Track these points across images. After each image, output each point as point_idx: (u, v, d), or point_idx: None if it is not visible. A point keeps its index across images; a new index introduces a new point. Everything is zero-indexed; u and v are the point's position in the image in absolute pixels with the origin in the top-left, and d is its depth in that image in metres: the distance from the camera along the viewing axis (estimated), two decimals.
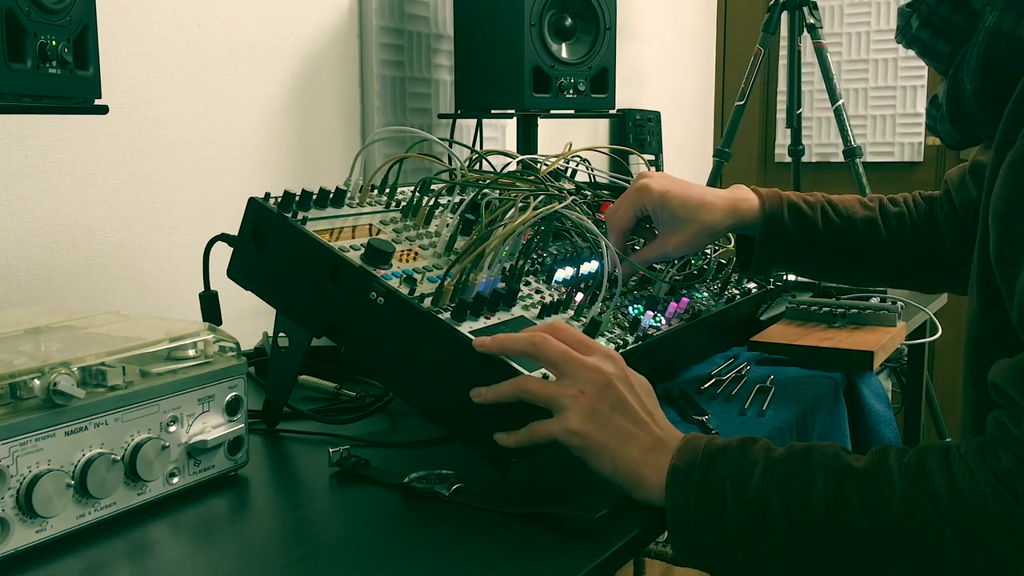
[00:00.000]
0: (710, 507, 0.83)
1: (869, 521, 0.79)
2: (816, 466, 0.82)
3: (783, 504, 0.81)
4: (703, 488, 0.84)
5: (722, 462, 0.85)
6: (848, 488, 0.80)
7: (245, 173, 1.72)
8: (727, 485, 0.83)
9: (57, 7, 0.95)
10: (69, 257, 1.44)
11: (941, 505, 0.77)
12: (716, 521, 0.83)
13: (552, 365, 0.89)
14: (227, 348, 0.95)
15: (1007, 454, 0.77)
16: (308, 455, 1.07)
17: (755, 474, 0.83)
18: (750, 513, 0.82)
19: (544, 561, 0.78)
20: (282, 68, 1.79)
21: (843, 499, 0.80)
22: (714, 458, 0.85)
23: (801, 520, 0.80)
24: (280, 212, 1.06)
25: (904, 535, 0.78)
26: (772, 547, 0.82)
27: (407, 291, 0.99)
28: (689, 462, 0.85)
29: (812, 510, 0.80)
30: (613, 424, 0.87)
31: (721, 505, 0.83)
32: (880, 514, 0.78)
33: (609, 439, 0.87)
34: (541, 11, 1.87)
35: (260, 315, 1.27)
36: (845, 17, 3.38)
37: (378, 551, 0.81)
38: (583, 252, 1.28)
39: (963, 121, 1.01)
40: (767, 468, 0.83)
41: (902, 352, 2.28)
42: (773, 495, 0.82)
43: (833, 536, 0.80)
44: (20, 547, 0.77)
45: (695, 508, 0.83)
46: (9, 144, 1.36)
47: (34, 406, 0.78)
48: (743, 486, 0.83)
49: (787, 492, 0.81)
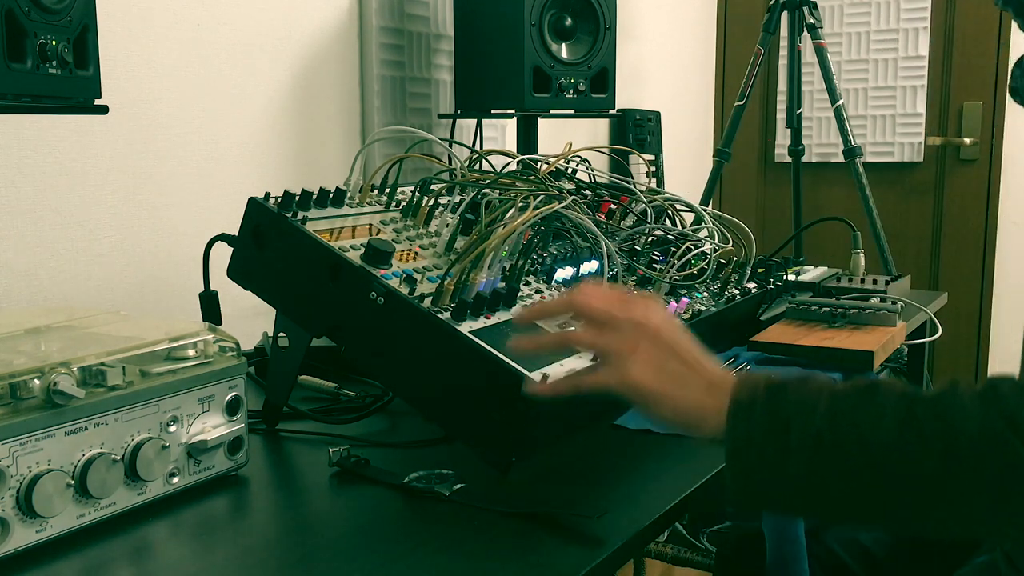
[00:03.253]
0: (774, 437, 0.79)
1: (944, 444, 0.75)
2: (885, 394, 0.79)
3: (852, 430, 0.77)
4: (767, 418, 0.80)
5: (785, 393, 0.81)
6: (920, 413, 0.77)
7: (245, 173, 1.72)
8: (792, 414, 0.80)
9: (57, 7, 0.95)
10: (69, 257, 1.44)
11: (1018, 424, 0.74)
12: (780, 451, 0.79)
13: (597, 322, 0.88)
14: (227, 348, 0.95)
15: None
16: (308, 455, 1.07)
17: (820, 403, 0.80)
18: (818, 441, 0.78)
19: (544, 561, 0.78)
20: (282, 68, 1.78)
21: (915, 423, 0.76)
22: (777, 390, 0.82)
23: (872, 446, 0.77)
24: (280, 212, 1.06)
25: (981, 456, 0.75)
26: (839, 476, 0.78)
27: (407, 291, 0.99)
28: (751, 395, 0.82)
29: (882, 435, 0.77)
30: (668, 370, 0.85)
31: (785, 434, 0.79)
32: (956, 437, 0.75)
33: (666, 386, 0.85)
34: (541, 11, 1.86)
35: (260, 315, 1.27)
36: (845, 17, 3.38)
37: (378, 551, 0.81)
38: (583, 252, 1.28)
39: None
40: (833, 398, 0.80)
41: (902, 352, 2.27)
42: (842, 422, 0.78)
43: (905, 461, 0.76)
44: (20, 547, 0.77)
45: (758, 438, 0.80)
46: (9, 144, 1.36)
47: (34, 406, 0.78)
48: (809, 415, 0.79)
49: (856, 419, 0.78)
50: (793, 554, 1.13)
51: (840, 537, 1.37)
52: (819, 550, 1.33)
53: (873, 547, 1.35)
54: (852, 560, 1.34)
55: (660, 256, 1.39)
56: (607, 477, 0.99)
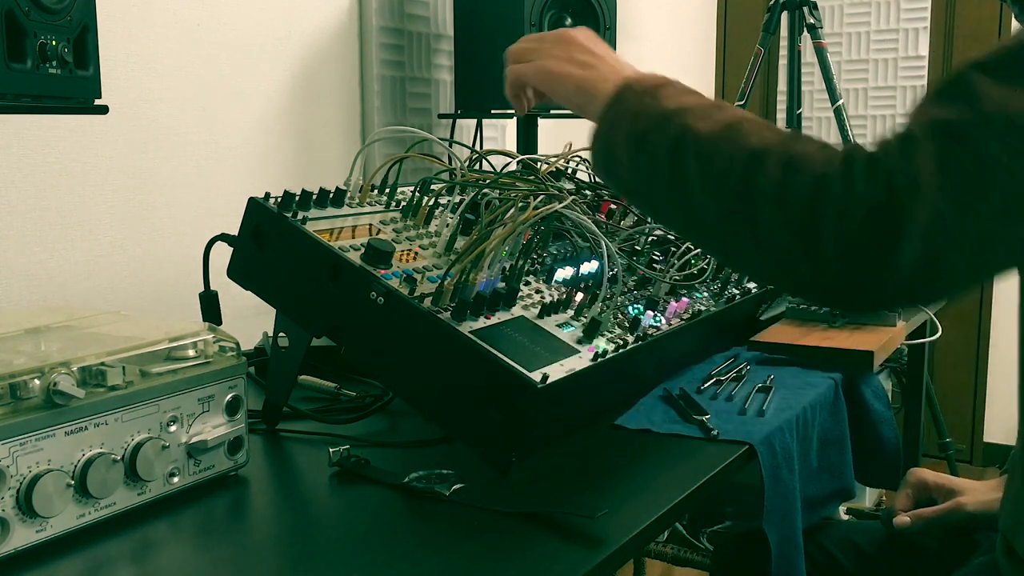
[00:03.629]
0: (627, 133, 0.89)
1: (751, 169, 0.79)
2: (738, 142, 0.82)
3: (691, 164, 0.83)
4: (630, 118, 0.90)
5: (660, 97, 0.90)
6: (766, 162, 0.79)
7: (245, 173, 1.72)
8: (652, 122, 0.87)
9: (57, 7, 0.95)
10: (69, 257, 1.44)
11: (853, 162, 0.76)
12: (627, 143, 0.88)
13: (524, 52, 1.03)
14: (227, 348, 0.95)
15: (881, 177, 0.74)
16: (308, 455, 1.07)
17: (682, 118, 0.85)
18: (656, 154, 0.85)
19: (544, 561, 0.78)
20: (282, 68, 1.79)
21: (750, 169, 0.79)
22: (655, 91, 0.91)
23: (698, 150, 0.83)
24: (280, 212, 1.06)
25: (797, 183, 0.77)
26: (657, 181, 0.86)
27: (407, 291, 0.99)
28: (635, 87, 0.93)
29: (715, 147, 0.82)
30: (575, 59, 0.99)
31: (636, 133, 0.88)
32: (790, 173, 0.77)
33: (571, 68, 0.98)
34: (541, 11, 1.86)
35: (260, 315, 1.27)
36: (845, 17, 3.38)
37: (378, 551, 0.81)
38: (583, 252, 1.28)
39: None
40: (694, 116, 0.85)
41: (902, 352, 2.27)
42: (686, 151, 0.83)
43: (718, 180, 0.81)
44: (20, 547, 0.77)
45: (617, 131, 0.90)
46: (9, 144, 1.36)
47: (34, 406, 0.78)
48: (664, 128, 0.86)
49: (700, 150, 0.83)
50: (791, 554, 1.13)
51: (836, 538, 1.37)
52: (814, 550, 1.33)
53: (868, 547, 1.35)
54: (848, 561, 1.34)
55: (660, 256, 1.39)
56: (607, 477, 0.99)
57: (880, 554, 1.34)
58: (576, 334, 1.08)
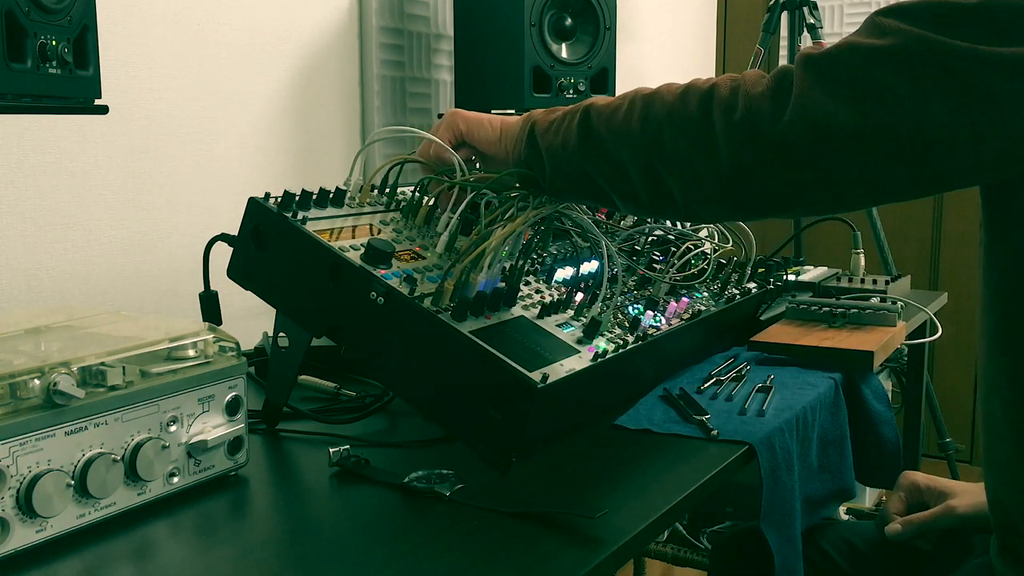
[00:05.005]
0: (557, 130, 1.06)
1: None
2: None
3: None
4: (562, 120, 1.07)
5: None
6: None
7: (245, 173, 1.72)
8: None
9: (57, 7, 0.95)
10: (69, 257, 1.44)
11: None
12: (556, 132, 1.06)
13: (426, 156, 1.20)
14: (227, 348, 0.95)
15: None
16: (308, 455, 1.07)
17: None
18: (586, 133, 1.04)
19: (544, 561, 0.78)
20: (282, 68, 1.79)
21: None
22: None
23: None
24: (280, 212, 1.06)
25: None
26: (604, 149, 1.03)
27: (407, 291, 0.99)
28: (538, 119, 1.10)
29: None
30: (472, 120, 1.16)
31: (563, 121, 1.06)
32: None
33: (473, 127, 1.16)
34: (541, 11, 1.87)
35: (260, 315, 1.27)
36: (845, 17, 3.38)
37: (378, 551, 0.81)
38: (583, 252, 1.28)
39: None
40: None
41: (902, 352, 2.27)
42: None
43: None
44: (20, 547, 0.77)
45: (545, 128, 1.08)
46: (9, 144, 1.36)
47: (34, 406, 0.78)
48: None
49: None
50: (790, 554, 1.13)
51: (833, 539, 1.37)
52: (813, 552, 1.33)
53: (865, 548, 1.35)
54: (844, 562, 1.34)
55: (660, 256, 1.39)
56: (607, 477, 0.99)
57: (876, 555, 1.34)
58: (576, 334, 1.08)
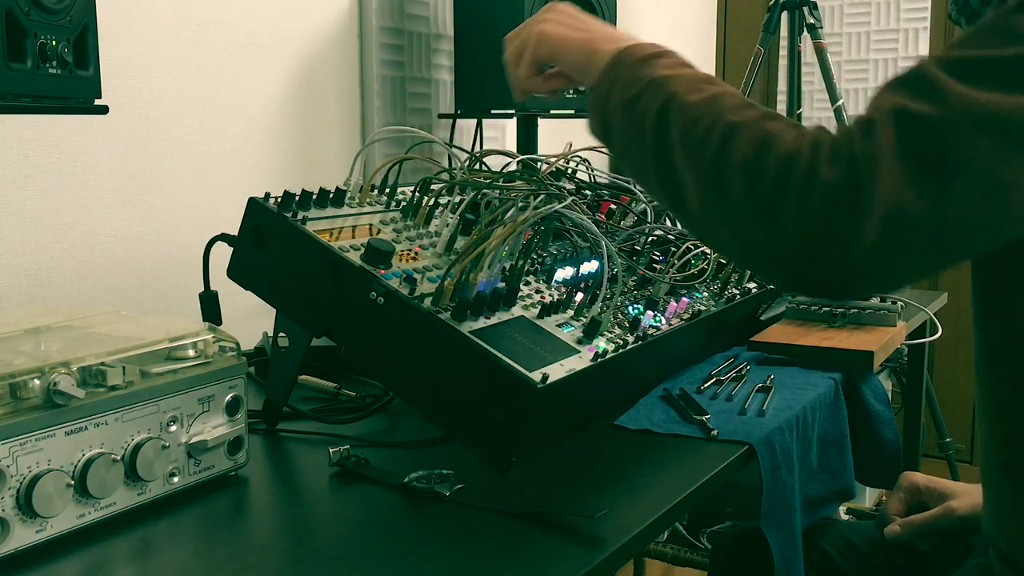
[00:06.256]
0: (621, 95, 0.92)
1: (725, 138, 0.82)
2: (719, 111, 0.85)
3: (673, 125, 0.87)
4: (626, 80, 0.93)
5: (653, 65, 0.93)
6: (740, 131, 0.82)
7: (245, 173, 1.72)
8: (644, 85, 0.91)
9: (57, 7, 0.95)
10: (69, 257, 1.44)
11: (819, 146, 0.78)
12: (620, 107, 0.92)
13: (519, 30, 1.11)
14: (227, 348, 0.95)
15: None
16: (308, 455, 1.07)
17: (671, 86, 0.89)
18: (644, 114, 0.89)
19: (544, 561, 0.78)
20: (282, 68, 1.78)
21: (730, 136, 0.82)
22: (650, 60, 0.94)
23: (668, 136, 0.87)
24: (280, 212, 1.06)
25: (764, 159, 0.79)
26: (640, 142, 0.90)
27: (407, 291, 0.99)
28: (632, 55, 0.95)
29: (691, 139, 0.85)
30: (570, 24, 1.04)
31: (628, 94, 0.92)
32: (759, 148, 0.80)
33: (570, 32, 1.03)
34: None
35: (260, 315, 1.27)
36: (845, 17, 3.38)
37: (378, 551, 0.81)
38: (583, 252, 1.28)
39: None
40: (685, 85, 0.89)
41: (902, 352, 2.27)
42: (670, 113, 0.88)
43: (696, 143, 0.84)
44: (20, 547, 0.77)
45: (614, 93, 0.93)
46: (9, 144, 1.36)
47: (34, 406, 0.78)
48: (656, 92, 0.90)
49: (683, 116, 0.87)
50: (790, 554, 1.13)
51: (833, 538, 1.37)
52: (813, 552, 1.33)
53: (865, 548, 1.35)
54: (845, 562, 1.34)
55: (660, 256, 1.39)
56: (607, 477, 0.99)
57: (876, 555, 1.34)
58: (576, 334, 1.08)
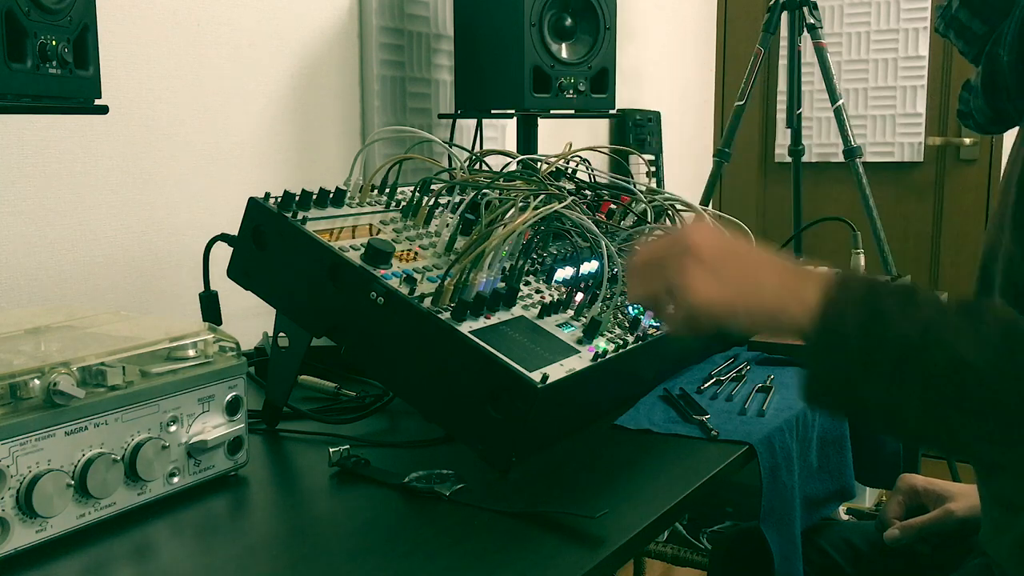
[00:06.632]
0: (867, 335, 0.77)
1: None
2: (987, 317, 0.77)
3: (947, 347, 0.76)
4: (863, 314, 0.77)
5: (881, 295, 0.79)
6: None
7: (245, 173, 1.72)
8: (889, 312, 0.77)
9: (57, 7, 0.95)
10: (69, 257, 1.44)
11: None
12: (870, 350, 0.77)
13: (652, 263, 0.87)
14: (227, 348, 0.95)
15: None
16: (308, 455, 1.07)
17: (920, 311, 0.77)
18: (908, 347, 0.76)
19: (544, 561, 0.78)
20: (282, 68, 1.78)
21: (1016, 353, 0.74)
22: (875, 290, 0.79)
23: (962, 367, 0.75)
24: (280, 212, 1.06)
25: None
26: (923, 391, 0.76)
27: (407, 291, 0.99)
28: (846, 289, 0.79)
29: (976, 358, 0.75)
30: (729, 278, 0.83)
31: (880, 334, 0.77)
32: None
33: (735, 294, 0.82)
34: (541, 11, 1.86)
35: (260, 315, 1.27)
36: (845, 17, 3.38)
37: (378, 551, 0.81)
38: (583, 252, 1.28)
39: (997, 97, 1.02)
40: (935, 309, 0.78)
41: None
42: (936, 337, 0.76)
43: (997, 388, 0.75)
44: (20, 547, 0.77)
45: (852, 334, 0.77)
46: (9, 144, 1.36)
47: (34, 406, 0.78)
48: (906, 320, 0.77)
49: (953, 335, 0.76)
50: (790, 554, 1.13)
51: (833, 539, 1.37)
52: (812, 552, 1.33)
53: (865, 548, 1.35)
54: (845, 562, 1.34)
55: None
56: (607, 477, 0.99)
57: (876, 555, 1.34)
58: (576, 334, 1.08)
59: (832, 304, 0.79)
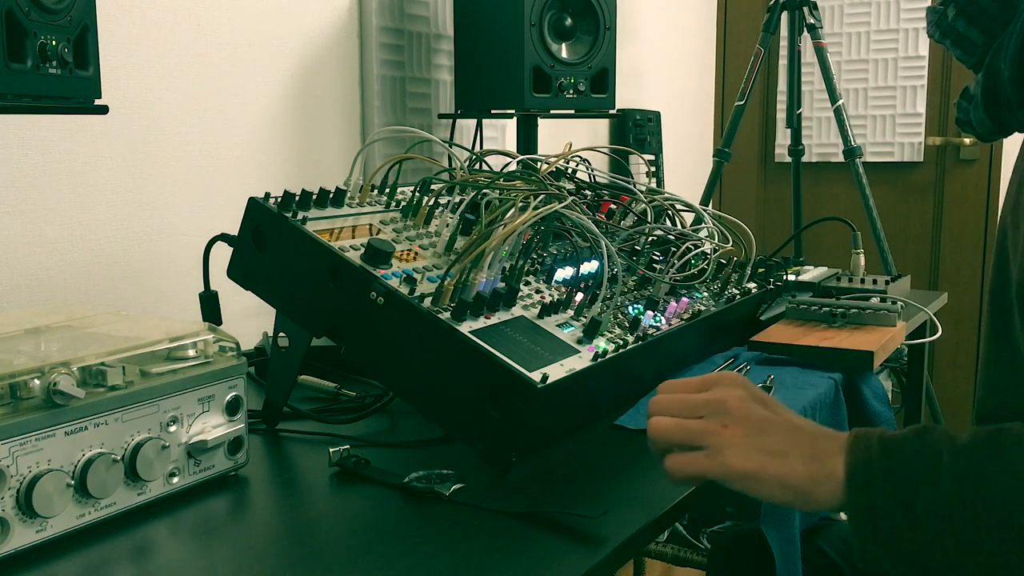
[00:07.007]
0: (898, 504, 0.77)
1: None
2: (1010, 447, 0.76)
3: (982, 493, 0.75)
4: (888, 483, 0.77)
5: (903, 453, 0.78)
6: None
7: (245, 173, 1.72)
8: (915, 477, 0.77)
9: (57, 7, 0.95)
10: (69, 257, 1.44)
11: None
12: (906, 517, 0.76)
13: (684, 416, 0.85)
14: (227, 348, 0.95)
15: None
16: (308, 455, 1.07)
17: (943, 462, 0.76)
18: (945, 506, 0.76)
19: (544, 561, 0.78)
20: (282, 68, 1.78)
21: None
22: (893, 450, 0.79)
23: (1002, 507, 0.74)
24: (280, 212, 1.06)
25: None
26: (971, 540, 0.75)
27: (407, 291, 0.99)
28: (866, 458, 0.79)
29: (1012, 494, 0.74)
30: (763, 447, 0.82)
31: (911, 501, 0.76)
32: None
33: (766, 464, 0.81)
34: (541, 11, 1.86)
35: (260, 315, 1.27)
36: (845, 17, 3.38)
37: (378, 551, 0.81)
38: (583, 252, 1.28)
39: (998, 109, 1.01)
40: (955, 454, 0.77)
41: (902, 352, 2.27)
42: (969, 484, 0.75)
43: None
44: (20, 547, 0.77)
45: (882, 505, 0.77)
46: (9, 144, 1.36)
47: (34, 406, 0.78)
48: (933, 478, 0.76)
49: (984, 479, 0.75)
50: (790, 555, 1.13)
51: (833, 539, 1.37)
52: (812, 552, 1.33)
53: None
54: (844, 562, 1.34)
55: (660, 256, 1.39)
56: (607, 477, 0.99)
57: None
58: (576, 334, 1.08)
59: (854, 481, 0.79)
